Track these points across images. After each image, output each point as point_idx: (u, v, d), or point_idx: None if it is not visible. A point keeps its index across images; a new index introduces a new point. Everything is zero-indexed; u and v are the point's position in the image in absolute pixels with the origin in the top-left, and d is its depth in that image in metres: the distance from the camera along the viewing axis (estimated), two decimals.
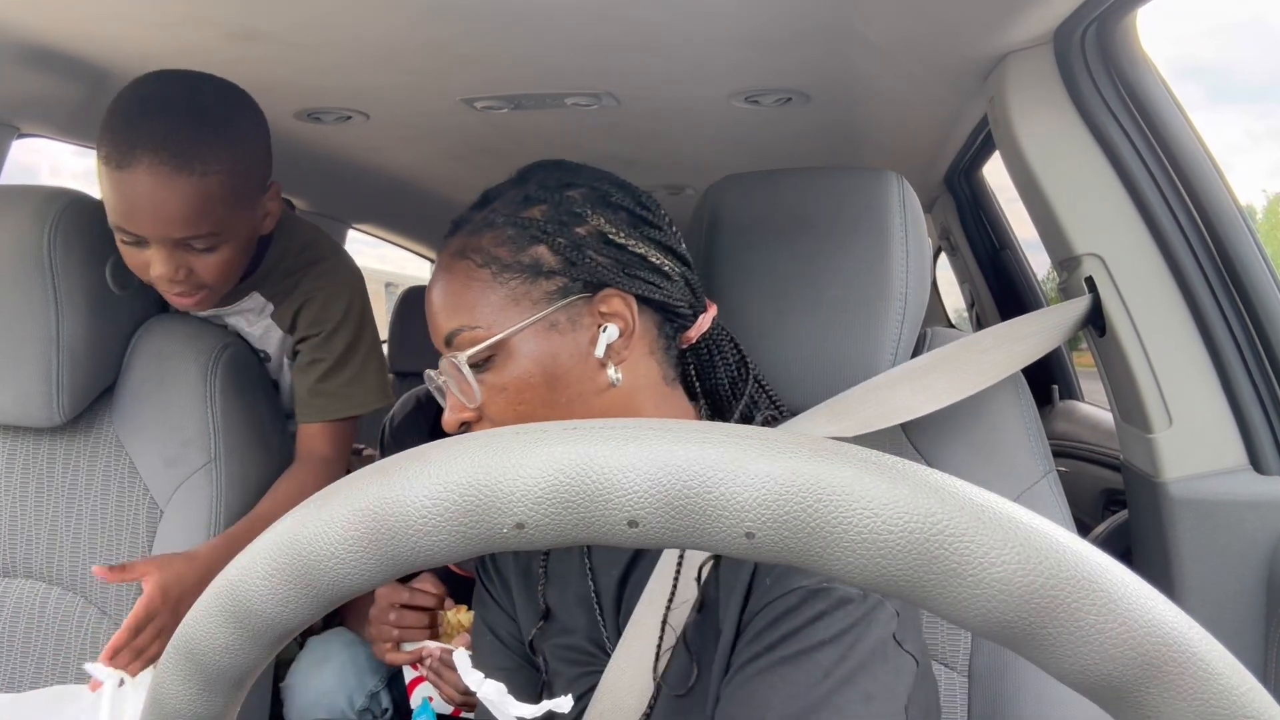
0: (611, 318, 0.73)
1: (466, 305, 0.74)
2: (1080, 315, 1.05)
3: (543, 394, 0.73)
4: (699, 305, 0.80)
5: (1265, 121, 13.73)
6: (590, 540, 0.27)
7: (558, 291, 0.73)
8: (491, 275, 0.73)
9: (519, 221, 0.74)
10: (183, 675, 0.30)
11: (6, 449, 1.15)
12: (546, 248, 0.73)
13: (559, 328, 0.73)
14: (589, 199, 0.75)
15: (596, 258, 0.73)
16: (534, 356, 0.72)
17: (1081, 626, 0.24)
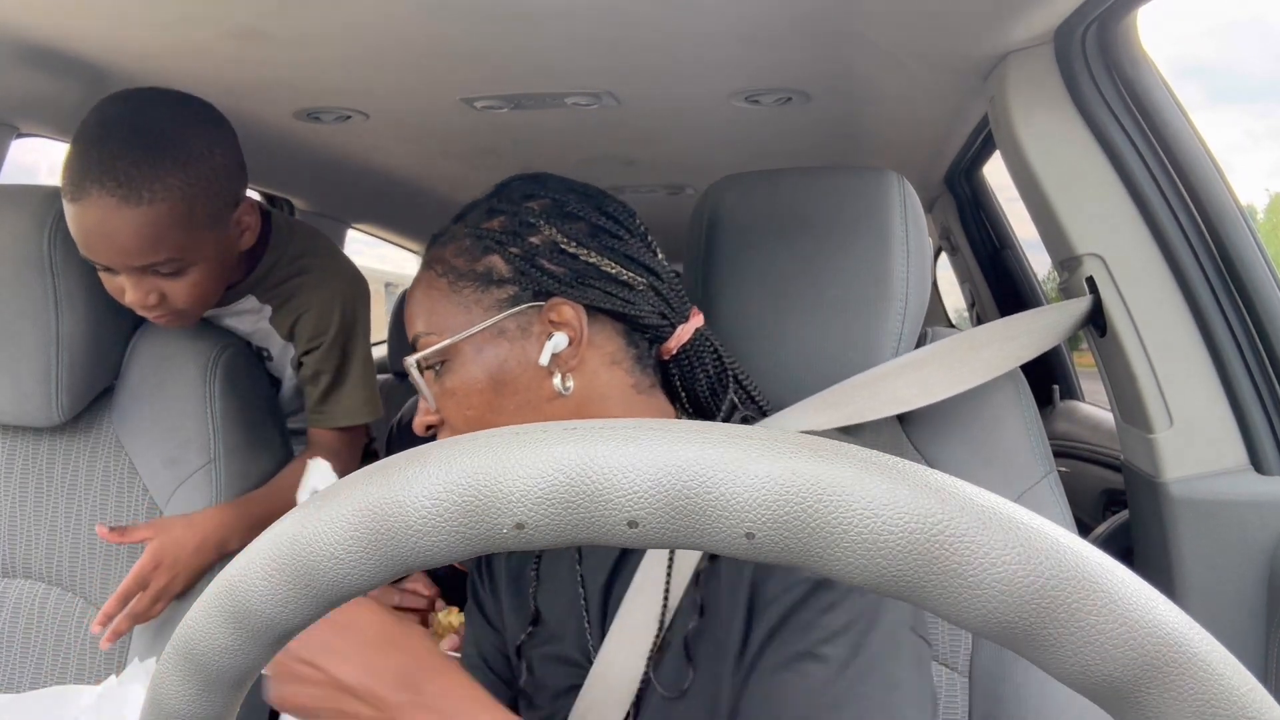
0: (561, 326, 0.74)
1: (425, 312, 0.77)
2: (1080, 315, 1.05)
3: (490, 399, 0.74)
4: (676, 316, 0.80)
5: (1266, 121, 13.72)
6: (590, 540, 0.27)
7: (508, 300, 0.75)
8: (448, 284, 0.76)
9: (477, 232, 0.77)
10: (182, 675, 0.30)
11: (6, 449, 1.15)
12: (500, 257, 0.75)
13: (508, 335, 0.74)
14: (546, 210, 0.77)
15: (548, 267, 0.75)
16: (481, 362, 0.74)
17: (1082, 627, 0.24)
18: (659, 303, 0.78)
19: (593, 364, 0.76)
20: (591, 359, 0.75)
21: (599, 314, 0.76)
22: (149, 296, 1.01)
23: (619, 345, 0.77)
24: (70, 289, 1.07)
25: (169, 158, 0.96)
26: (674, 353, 0.80)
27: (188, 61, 1.22)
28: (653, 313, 0.78)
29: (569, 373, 0.74)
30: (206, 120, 1.04)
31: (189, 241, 0.99)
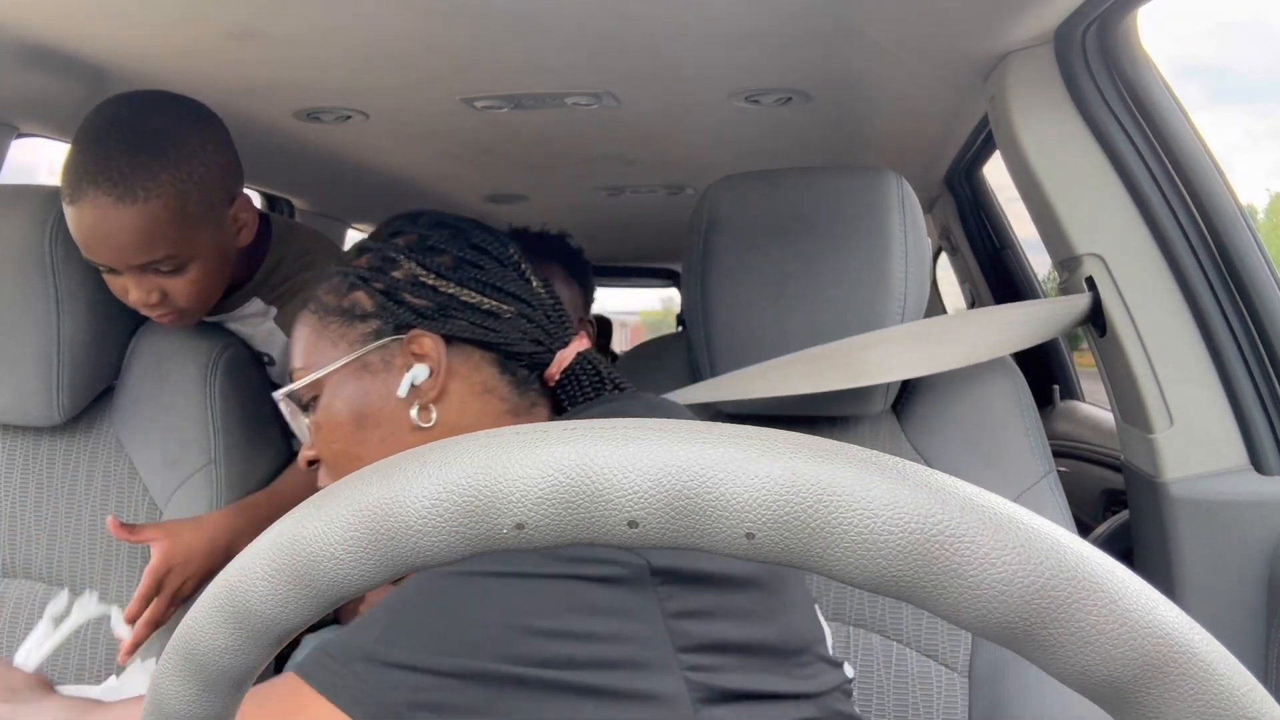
0: (421, 358, 0.74)
1: (299, 349, 0.78)
2: (1078, 312, 1.05)
3: (353, 433, 0.75)
4: (553, 342, 0.80)
5: (1266, 121, 13.73)
6: (590, 540, 0.27)
7: (371, 334, 0.75)
8: (318, 320, 0.78)
9: (345, 270, 0.78)
10: (182, 675, 0.30)
11: (6, 449, 1.15)
12: (364, 292, 0.76)
13: (371, 368, 0.75)
14: (410, 245, 0.78)
15: (409, 300, 0.75)
16: (344, 396, 0.75)
17: (1082, 627, 0.24)
18: (532, 329, 0.78)
19: (460, 394, 0.75)
20: (458, 389, 0.75)
21: (466, 345, 0.76)
22: (151, 295, 1.02)
23: (491, 374, 0.77)
24: (71, 288, 1.07)
25: (162, 155, 0.97)
26: (556, 378, 0.79)
27: (188, 61, 1.22)
28: (524, 339, 0.77)
29: (431, 403, 0.74)
30: (199, 118, 1.05)
31: (186, 238, 1.00)
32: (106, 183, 0.94)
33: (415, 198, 2.17)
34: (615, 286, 4.53)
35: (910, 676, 0.94)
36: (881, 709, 0.95)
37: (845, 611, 0.98)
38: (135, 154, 0.96)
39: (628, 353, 1.24)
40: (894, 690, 0.95)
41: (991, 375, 1.02)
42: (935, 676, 0.94)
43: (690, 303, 1.05)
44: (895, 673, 0.95)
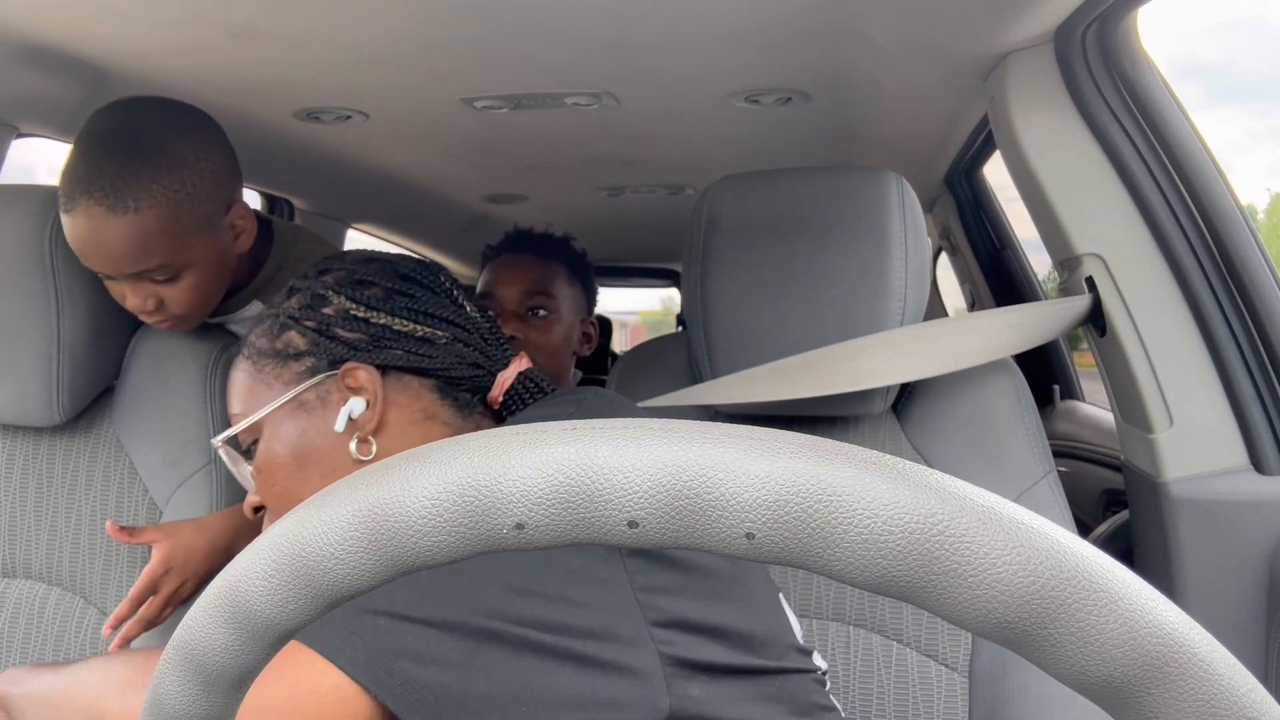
0: (357, 391, 0.74)
1: (235, 395, 0.78)
2: (1078, 313, 1.05)
3: (294, 473, 0.75)
4: (493, 364, 0.80)
5: (1266, 121, 13.74)
6: (590, 540, 0.27)
7: (306, 372, 0.75)
8: (252, 365, 0.77)
9: (275, 312, 0.79)
10: (183, 675, 0.30)
11: (6, 449, 1.15)
12: (295, 332, 0.76)
13: (307, 406, 0.75)
14: (339, 281, 0.78)
15: (342, 335, 0.75)
16: (282, 438, 0.75)
17: (1082, 627, 0.24)
18: (469, 353, 0.78)
19: (399, 423, 0.75)
20: (397, 419, 0.75)
21: (403, 374, 0.76)
22: (147, 302, 1.03)
23: (432, 400, 0.76)
24: (71, 289, 1.07)
25: (154, 165, 0.97)
26: (500, 400, 0.79)
27: (188, 61, 1.22)
28: (461, 364, 0.77)
29: (371, 435, 0.74)
30: (194, 126, 1.05)
31: (179, 247, 1.00)
32: (99, 193, 0.95)
33: (415, 198, 2.17)
34: (615, 286, 4.53)
35: (910, 676, 0.94)
36: (881, 709, 0.95)
37: (845, 611, 0.98)
38: (127, 163, 0.96)
39: (628, 353, 1.24)
40: (894, 690, 0.95)
41: (992, 375, 1.02)
42: (935, 676, 0.94)
43: (690, 303, 1.05)
44: (895, 673, 0.95)
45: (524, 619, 0.56)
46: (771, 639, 0.66)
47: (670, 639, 0.59)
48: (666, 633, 0.59)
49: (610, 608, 0.59)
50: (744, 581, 0.67)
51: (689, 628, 0.61)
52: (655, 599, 0.60)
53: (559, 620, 0.57)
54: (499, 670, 0.55)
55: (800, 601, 1.00)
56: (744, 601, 0.66)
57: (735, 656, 0.62)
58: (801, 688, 0.67)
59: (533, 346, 1.51)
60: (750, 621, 0.65)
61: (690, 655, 0.60)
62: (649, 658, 0.58)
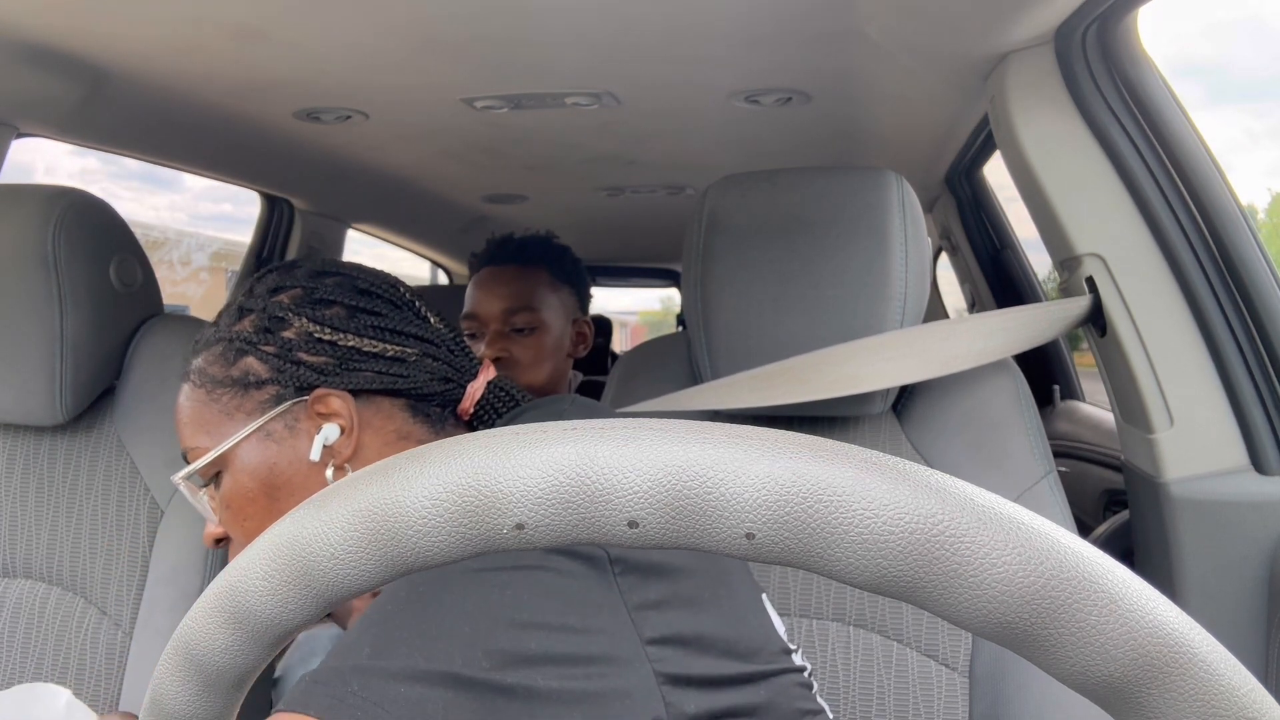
0: (329, 417, 0.71)
1: (187, 425, 0.73)
2: (1078, 313, 1.05)
3: (263, 505, 0.71)
4: (462, 376, 0.77)
5: (1265, 120, 13.72)
6: (590, 540, 0.27)
7: (270, 400, 0.71)
8: (206, 394, 0.72)
9: (228, 336, 0.73)
10: (182, 675, 0.30)
11: (7, 449, 1.15)
12: (254, 358, 0.72)
13: (275, 436, 0.71)
14: (296, 300, 0.73)
15: (307, 359, 0.71)
16: (250, 470, 0.71)
17: (1082, 627, 0.24)
18: (439, 368, 0.75)
19: (374, 445, 0.72)
20: (371, 441, 0.72)
21: (373, 395, 0.72)
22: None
23: (404, 419, 0.74)
24: (74, 287, 1.07)
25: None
26: (472, 411, 0.77)
27: (188, 61, 1.22)
28: (432, 379, 0.74)
29: (346, 462, 0.71)
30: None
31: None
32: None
33: (415, 198, 2.17)
34: (615, 286, 4.53)
35: (910, 676, 0.94)
36: (881, 709, 0.95)
37: (845, 611, 0.98)
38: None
39: (628, 353, 1.24)
40: (894, 690, 0.95)
41: (992, 375, 1.02)
42: (935, 676, 0.94)
43: (690, 303, 1.05)
44: (895, 673, 0.95)
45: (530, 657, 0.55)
46: (756, 641, 0.66)
47: (663, 656, 0.59)
48: (659, 650, 0.59)
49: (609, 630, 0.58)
50: (726, 581, 0.66)
51: (679, 642, 0.60)
52: (646, 615, 0.59)
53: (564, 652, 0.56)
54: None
55: (800, 601, 1.00)
56: (729, 603, 0.65)
57: (724, 665, 0.62)
58: (787, 691, 0.66)
59: (522, 364, 1.48)
60: (735, 626, 0.65)
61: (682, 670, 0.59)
62: (646, 678, 0.58)
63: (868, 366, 0.93)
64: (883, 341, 0.95)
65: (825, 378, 0.93)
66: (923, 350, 0.95)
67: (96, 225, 1.10)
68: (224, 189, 2.31)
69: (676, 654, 0.60)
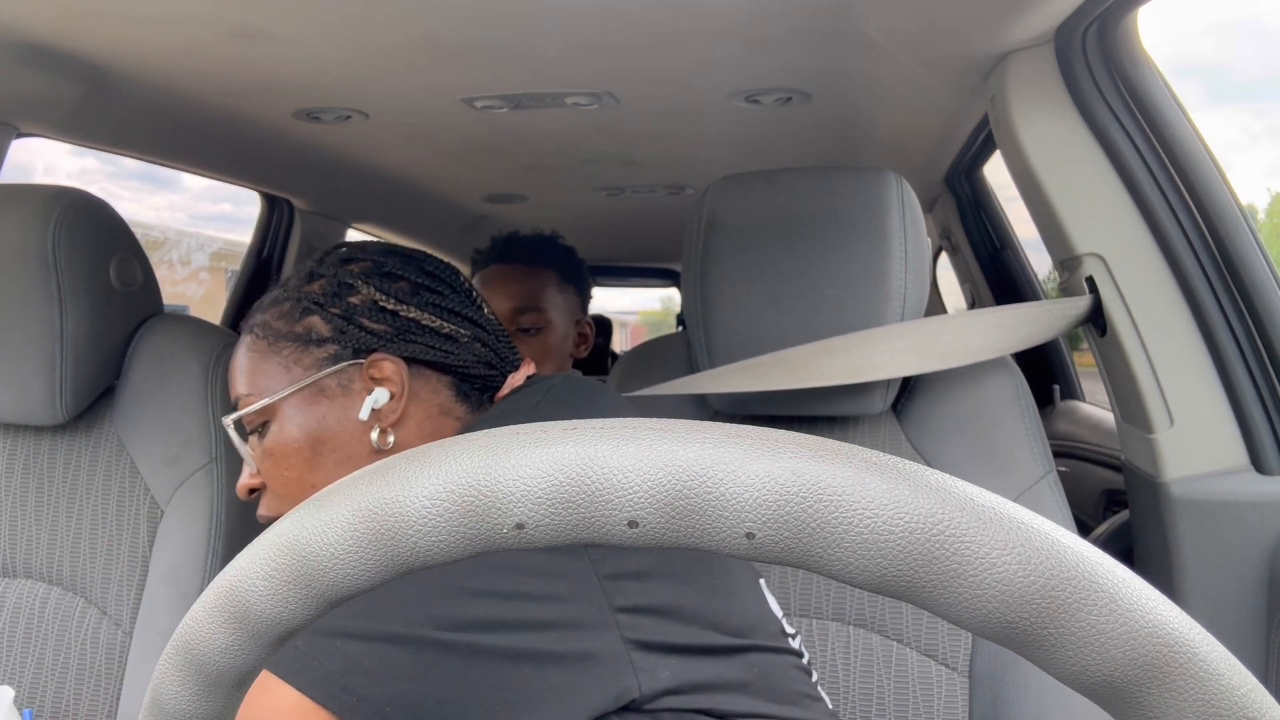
0: (382, 382, 0.75)
1: (245, 374, 0.77)
2: (1078, 313, 1.05)
3: (308, 458, 0.75)
4: (505, 366, 0.80)
5: (1265, 120, 13.73)
6: (590, 540, 0.27)
7: (328, 358, 0.75)
8: (268, 345, 0.76)
9: (296, 295, 0.78)
10: (182, 675, 0.30)
11: (7, 449, 1.15)
12: (319, 317, 0.76)
13: (328, 393, 0.75)
14: (365, 271, 0.78)
15: (368, 325, 0.75)
16: (300, 422, 0.75)
17: (1082, 627, 0.24)
18: (485, 353, 0.79)
19: (418, 417, 0.76)
20: (416, 412, 0.76)
21: (424, 368, 0.76)
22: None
23: (448, 396, 0.77)
24: (74, 286, 1.07)
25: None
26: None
27: (188, 61, 1.22)
28: (478, 363, 0.78)
29: (391, 427, 0.75)
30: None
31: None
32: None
33: (415, 197, 2.17)
34: (615, 286, 4.53)
35: (910, 676, 0.94)
36: (881, 709, 0.95)
37: (845, 611, 0.98)
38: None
39: (628, 353, 1.24)
40: (894, 690, 0.95)
41: (992, 375, 1.02)
42: (935, 676, 0.94)
43: (690, 303, 1.05)
44: (895, 673, 0.95)
45: (478, 621, 0.57)
46: (749, 618, 0.66)
47: (635, 623, 0.60)
48: (632, 617, 0.60)
49: (571, 598, 0.59)
50: (722, 558, 0.67)
51: (657, 612, 0.61)
52: (621, 584, 0.60)
53: (515, 617, 0.58)
54: (454, 679, 0.57)
55: (800, 601, 1.00)
56: (721, 579, 0.66)
57: (707, 636, 0.63)
58: (782, 671, 0.66)
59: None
60: (725, 601, 0.65)
61: (656, 638, 0.60)
62: (613, 642, 0.59)
63: (866, 358, 0.93)
64: (882, 334, 0.95)
65: (824, 368, 0.93)
66: (921, 344, 0.95)
67: (96, 225, 1.10)
68: (224, 189, 2.31)
69: (651, 622, 0.60)
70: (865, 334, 0.95)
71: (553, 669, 0.58)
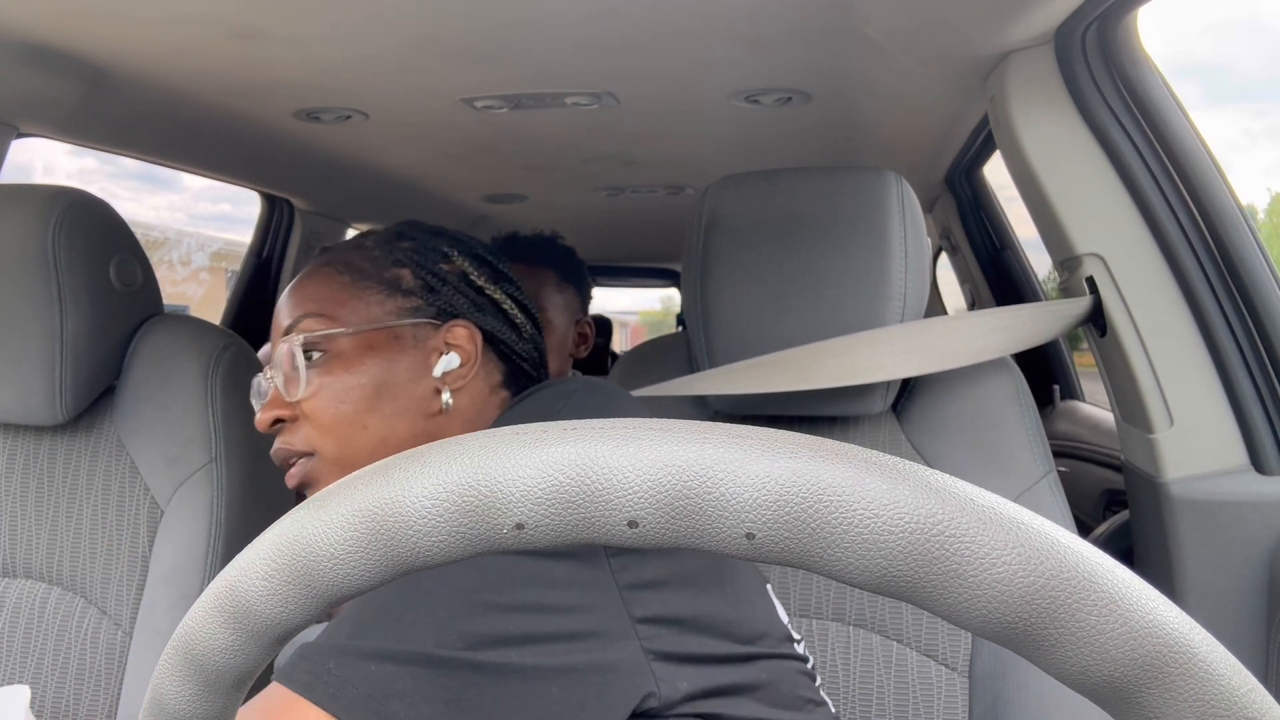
0: (456, 348, 0.77)
1: (318, 298, 0.76)
2: (1078, 313, 1.05)
3: (369, 398, 0.75)
4: (541, 371, 0.84)
5: (1265, 120, 13.72)
6: (590, 540, 0.27)
7: (411, 310, 0.77)
8: (351, 280, 0.77)
9: (387, 246, 0.80)
10: (182, 675, 0.30)
11: (7, 449, 1.15)
12: (410, 271, 0.78)
13: (403, 342, 0.76)
14: (456, 245, 0.81)
15: (455, 291, 0.79)
16: (369, 362, 0.75)
17: (1082, 627, 0.24)
18: (533, 352, 0.83)
19: (476, 389, 0.78)
20: (475, 385, 0.78)
21: (489, 347, 0.79)
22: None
23: (501, 379, 0.80)
24: (74, 287, 1.07)
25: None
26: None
27: (188, 61, 1.22)
28: (528, 361, 0.82)
29: (454, 392, 0.77)
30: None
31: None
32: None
33: (415, 197, 2.17)
34: (615, 286, 4.53)
35: (910, 676, 0.94)
36: (881, 709, 0.95)
37: (845, 611, 0.98)
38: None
39: (628, 353, 1.24)
40: (894, 690, 0.95)
41: (992, 375, 1.02)
42: (935, 676, 0.94)
43: (690, 303, 1.05)
44: (895, 673, 0.95)
45: (508, 637, 0.57)
46: (760, 625, 0.67)
47: (655, 634, 0.60)
48: (651, 628, 0.60)
49: (594, 608, 0.59)
50: (731, 564, 0.67)
51: (674, 621, 0.61)
52: (641, 595, 0.61)
53: (543, 630, 0.58)
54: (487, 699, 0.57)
55: (800, 601, 1.00)
56: (732, 586, 0.66)
57: (721, 645, 0.63)
58: (788, 677, 0.67)
59: None
60: (738, 608, 0.65)
61: (675, 648, 0.61)
62: (634, 653, 0.59)
63: (867, 359, 0.93)
64: (882, 335, 0.95)
65: (824, 369, 0.93)
66: (922, 345, 0.95)
67: (96, 225, 1.10)
68: (224, 189, 2.32)
69: (670, 632, 0.61)
70: (865, 335, 0.95)
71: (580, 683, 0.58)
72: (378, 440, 0.74)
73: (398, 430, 0.75)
